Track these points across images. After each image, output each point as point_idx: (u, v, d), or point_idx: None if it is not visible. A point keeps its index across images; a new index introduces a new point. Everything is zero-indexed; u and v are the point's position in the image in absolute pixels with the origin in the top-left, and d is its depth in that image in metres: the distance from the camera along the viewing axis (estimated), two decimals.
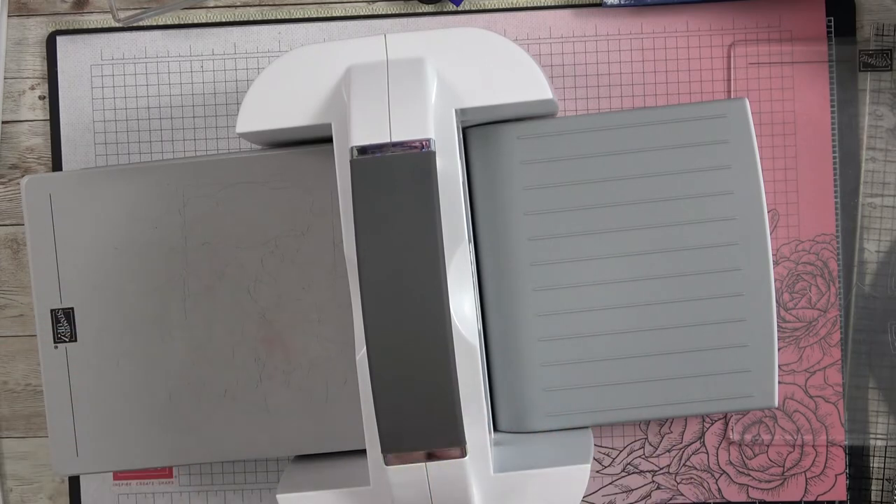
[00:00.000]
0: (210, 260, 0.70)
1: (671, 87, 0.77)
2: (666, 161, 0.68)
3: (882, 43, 0.76)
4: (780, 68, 0.76)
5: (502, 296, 0.68)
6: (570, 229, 0.68)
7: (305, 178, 0.69)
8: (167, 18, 0.78)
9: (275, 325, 0.69)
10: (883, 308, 0.75)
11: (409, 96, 0.61)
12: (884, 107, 0.75)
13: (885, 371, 0.75)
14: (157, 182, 0.70)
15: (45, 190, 0.70)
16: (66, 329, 0.70)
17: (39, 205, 0.70)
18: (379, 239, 0.58)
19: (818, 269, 0.76)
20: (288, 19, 0.78)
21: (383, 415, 0.58)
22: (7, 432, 0.80)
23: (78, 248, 0.70)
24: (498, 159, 0.68)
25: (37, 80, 0.79)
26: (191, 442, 0.70)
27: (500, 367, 0.69)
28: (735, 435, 0.76)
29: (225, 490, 0.78)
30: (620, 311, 0.68)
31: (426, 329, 0.57)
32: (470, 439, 0.61)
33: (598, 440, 0.77)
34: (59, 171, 0.79)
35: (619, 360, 0.68)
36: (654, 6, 0.77)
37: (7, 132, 0.79)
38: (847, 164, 0.76)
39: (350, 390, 0.69)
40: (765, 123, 0.76)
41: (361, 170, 0.59)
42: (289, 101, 0.65)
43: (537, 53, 0.77)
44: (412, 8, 0.78)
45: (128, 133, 0.78)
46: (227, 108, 0.78)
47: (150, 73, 0.78)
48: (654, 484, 0.77)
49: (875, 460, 0.76)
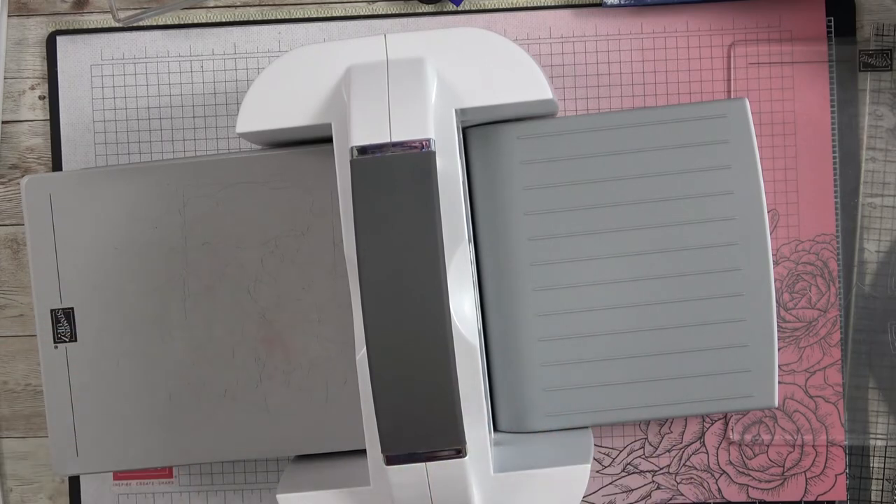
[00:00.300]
0: (210, 260, 0.70)
1: (671, 87, 0.77)
2: (666, 161, 0.68)
3: (882, 43, 0.76)
4: (780, 68, 0.76)
5: (502, 296, 0.68)
6: (570, 229, 0.68)
7: (305, 178, 0.69)
8: (167, 18, 0.78)
9: (275, 325, 0.69)
10: (883, 308, 0.75)
11: (409, 96, 0.61)
12: (884, 107, 0.75)
13: (885, 371, 0.75)
14: (157, 182, 0.70)
15: (45, 190, 0.70)
16: (66, 329, 0.70)
17: (39, 205, 0.70)
18: (379, 239, 0.58)
19: (818, 269, 0.76)
20: (288, 19, 0.78)
21: (383, 415, 0.58)
22: (7, 432, 0.80)
23: (78, 248, 0.70)
24: (498, 159, 0.68)
25: (37, 80, 0.79)
26: (191, 442, 0.70)
27: (500, 367, 0.69)
28: (735, 435, 0.76)
29: (225, 490, 0.78)
30: (620, 311, 0.68)
31: (426, 329, 0.57)
32: (470, 439, 0.61)
33: (598, 440, 0.77)
34: (59, 171, 0.79)
35: (619, 360, 0.68)
36: (654, 6, 0.77)
37: (7, 132, 0.79)
38: (847, 164, 0.76)
39: (350, 390, 0.69)
40: (765, 123, 0.76)
41: (361, 170, 0.59)
42: (289, 101, 0.65)
43: (537, 53, 0.77)
44: (412, 8, 0.78)
45: (128, 133, 0.78)
46: (227, 108, 0.78)
47: (150, 73, 0.78)
48: (654, 484, 0.77)
49: (875, 460, 0.76)
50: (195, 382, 0.70)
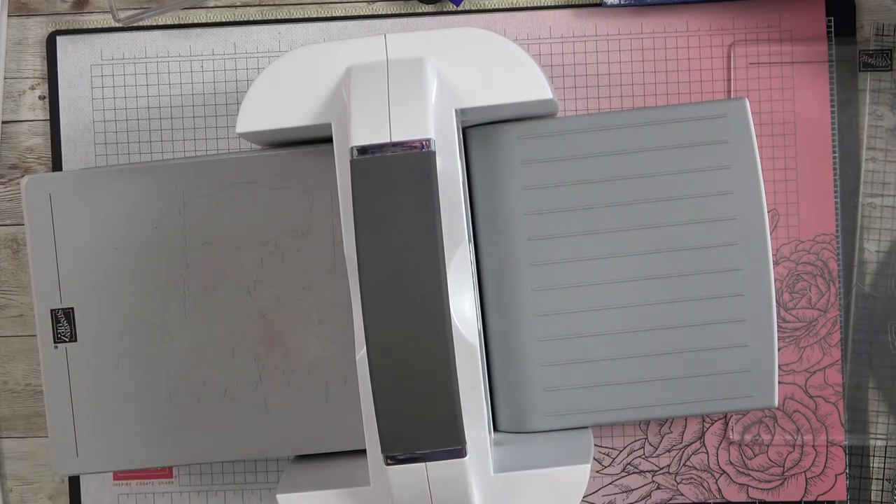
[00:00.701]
0: (210, 260, 0.70)
1: (671, 87, 0.77)
2: (666, 161, 0.68)
3: (882, 43, 0.76)
4: (780, 68, 0.76)
5: (502, 296, 0.68)
6: (570, 229, 0.68)
7: (305, 178, 0.69)
8: (167, 18, 0.78)
9: (275, 325, 0.69)
10: (883, 308, 0.75)
11: (409, 96, 0.61)
12: (884, 107, 0.75)
13: (885, 371, 0.75)
14: (157, 182, 0.70)
15: (45, 190, 0.70)
16: (66, 329, 0.70)
17: (39, 205, 0.70)
18: (379, 239, 0.58)
19: (818, 269, 0.76)
20: (288, 19, 0.78)
21: (383, 415, 0.58)
22: (7, 432, 0.80)
23: (78, 248, 0.70)
24: (498, 159, 0.68)
25: (37, 80, 0.79)
26: (191, 442, 0.70)
27: (500, 367, 0.69)
28: (735, 435, 0.76)
29: (225, 490, 0.78)
30: (620, 311, 0.68)
31: (426, 329, 0.57)
32: (470, 439, 0.61)
33: (598, 440, 0.77)
34: (59, 171, 0.79)
35: (619, 360, 0.68)
36: (654, 6, 0.77)
37: (7, 132, 0.79)
38: (847, 164, 0.76)
39: (350, 390, 0.69)
40: (765, 123, 0.76)
41: (361, 170, 0.59)
42: (289, 101, 0.65)
43: (537, 53, 0.77)
44: (412, 8, 0.78)
45: (128, 133, 0.78)
46: (227, 108, 0.78)
47: (150, 73, 0.78)
48: (654, 484, 0.77)
49: (875, 460, 0.76)
50: (195, 382, 0.70)
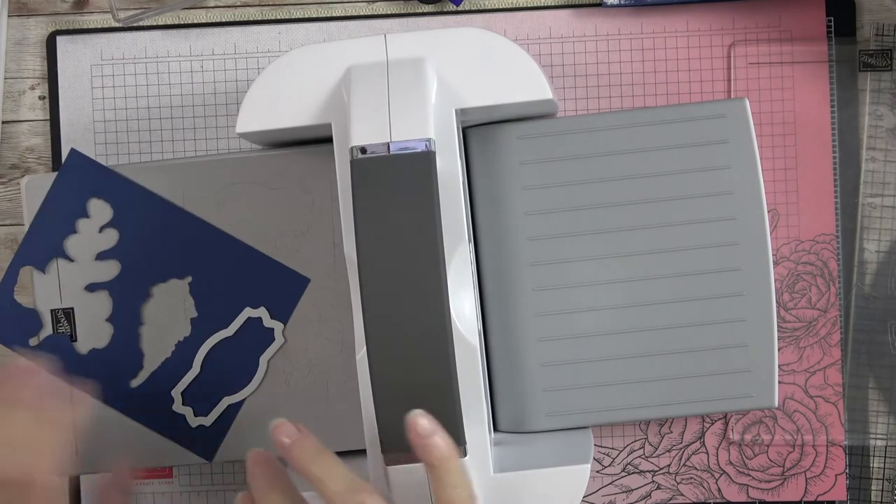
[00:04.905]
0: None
1: (671, 87, 0.77)
2: (666, 161, 0.68)
3: (882, 43, 0.76)
4: (780, 68, 0.76)
5: (502, 296, 0.68)
6: (571, 229, 0.68)
7: (305, 178, 0.69)
8: (167, 18, 0.78)
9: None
10: (883, 308, 0.75)
11: (409, 96, 0.61)
12: (884, 107, 0.75)
13: (885, 371, 0.75)
14: (156, 182, 0.69)
15: (45, 190, 0.70)
16: (66, 329, 0.70)
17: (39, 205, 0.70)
18: (379, 239, 0.58)
19: (818, 269, 0.76)
20: (288, 19, 0.78)
21: (383, 415, 0.58)
22: None
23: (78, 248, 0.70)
24: (498, 159, 0.68)
25: (37, 80, 0.79)
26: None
27: (500, 367, 0.69)
28: (735, 435, 0.76)
29: (225, 490, 0.78)
30: (620, 311, 0.68)
31: (426, 329, 0.57)
32: (470, 439, 0.61)
33: (598, 440, 0.77)
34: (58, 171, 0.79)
35: (618, 360, 0.68)
36: (654, 6, 0.77)
37: (7, 132, 0.79)
38: (847, 164, 0.76)
39: (350, 390, 0.69)
40: (765, 123, 0.76)
41: (361, 170, 0.59)
42: (289, 101, 0.65)
43: (537, 53, 0.77)
44: (412, 8, 0.78)
45: (128, 133, 0.78)
46: (227, 108, 0.78)
47: (150, 73, 0.78)
48: (654, 484, 0.77)
49: (875, 460, 0.76)
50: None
